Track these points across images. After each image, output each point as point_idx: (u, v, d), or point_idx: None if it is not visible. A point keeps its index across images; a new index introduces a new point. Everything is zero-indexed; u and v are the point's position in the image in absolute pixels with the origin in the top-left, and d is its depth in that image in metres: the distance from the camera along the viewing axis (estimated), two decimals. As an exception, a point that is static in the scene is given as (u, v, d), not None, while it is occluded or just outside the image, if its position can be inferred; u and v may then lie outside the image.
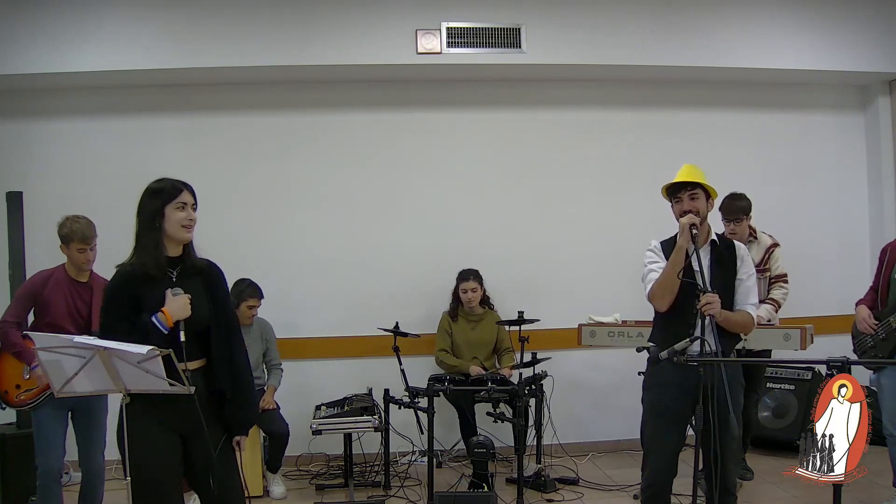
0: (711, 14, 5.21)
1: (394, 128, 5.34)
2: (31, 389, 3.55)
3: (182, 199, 2.58)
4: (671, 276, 2.99)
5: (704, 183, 3.07)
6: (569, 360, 5.16)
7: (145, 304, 2.51)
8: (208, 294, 2.64)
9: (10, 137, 5.06)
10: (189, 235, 2.61)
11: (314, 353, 5.18)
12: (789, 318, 4.89)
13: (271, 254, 5.16)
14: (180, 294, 2.53)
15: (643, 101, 5.52)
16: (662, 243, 3.20)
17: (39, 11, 4.71)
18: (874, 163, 5.71)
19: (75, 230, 3.52)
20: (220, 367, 2.60)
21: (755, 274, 3.19)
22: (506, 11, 5.04)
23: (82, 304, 3.59)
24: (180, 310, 2.50)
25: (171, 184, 2.60)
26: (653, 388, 3.15)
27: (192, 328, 2.55)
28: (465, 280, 5.00)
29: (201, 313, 2.59)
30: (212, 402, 2.59)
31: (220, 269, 2.75)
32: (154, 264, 2.53)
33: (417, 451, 5.00)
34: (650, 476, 3.13)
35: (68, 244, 3.55)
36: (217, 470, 2.55)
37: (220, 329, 2.64)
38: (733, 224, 4.49)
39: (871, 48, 5.36)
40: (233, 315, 2.77)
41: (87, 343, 2.38)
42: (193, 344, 2.56)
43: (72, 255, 3.56)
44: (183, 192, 2.60)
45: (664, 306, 3.05)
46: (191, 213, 2.60)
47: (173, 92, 5.14)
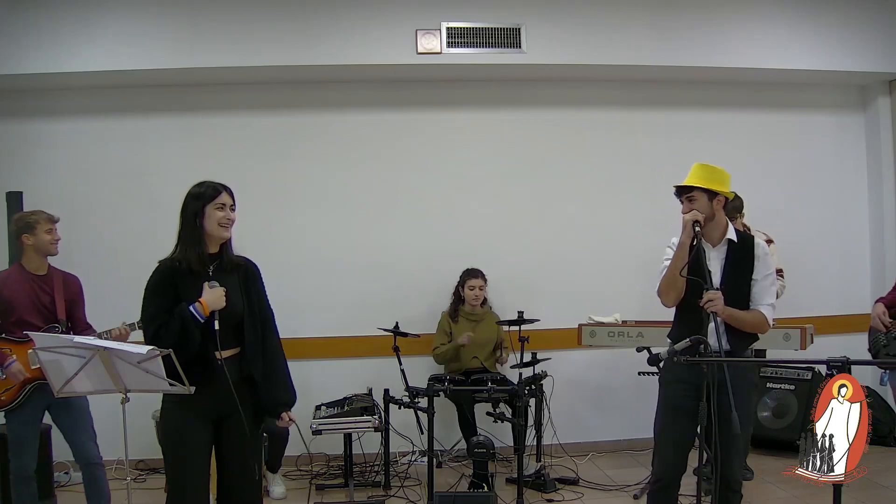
0: (711, 14, 5.20)
1: (394, 128, 5.34)
2: (9, 389, 3.52)
3: (221, 200, 2.78)
4: (674, 273, 3.01)
5: (702, 185, 3.05)
6: (569, 360, 5.16)
7: (184, 295, 2.69)
8: (244, 289, 2.83)
9: (10, 137, 5.05)
10: (227, 233, 2.80)
11: (314, 353, 5.18)
12: (789, 318, 4.89)
13: (271, 253, 5.12)
14: (216, 287, 2.71)
15: (643, 101, 5.52)
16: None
17: (39, 11, 4.71)
18: (874, 163, 5.71)
19: (37, 214, 3.62)
20: (253, 354, 2.78)
21: (774, 274, 3.15)
22: (506, 11, 5.04)
23: (45, 296, 3.60)
24: (216, 301, 2.68)
25: (212, 186, 2.81)
26: (666, 383, 3.16)
27: (227, 319, 2.73)
28: (473, 277, 5.00)
29: (236, 305, 2.77)
30: (244, 387, 2.76)
31: (256, 266, 2.95)
32: (196, 259, 2.73)
33: (417, 451, 5.00)
34: (658, 468, 3.16)
35: (33, 230, 3.58)
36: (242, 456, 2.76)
37: (254, 319, 2.82)
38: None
39: (871, 48, 5.36)
40: (268, 309, 2.94)
41: (87, 343, 2.38)
42: (228, 334, 2.74)
43: (40, 240, 3.59)
44: (222, 193, 2.80)
45: (670, 302, 3.09)
46: (229, 213, 2.79)
47: (173, 92, 5.14)
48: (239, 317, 2.78)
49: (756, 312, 3.05)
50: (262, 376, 2.80)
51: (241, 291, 2.83)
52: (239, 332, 2.79)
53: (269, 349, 2.86)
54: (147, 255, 2.89)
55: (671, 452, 3.10)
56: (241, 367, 2.78)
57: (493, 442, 4.25)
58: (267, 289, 4.65)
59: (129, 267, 3.87)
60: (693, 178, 3.09)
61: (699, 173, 3.09)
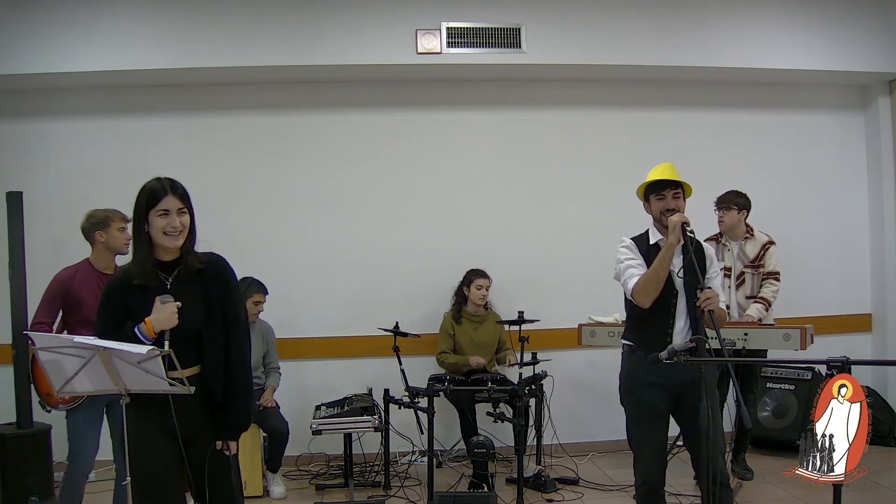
0: (711, 14, 5.20)
1: (394, 128, 5.34)
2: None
3: (163, 206, 2.44)
4: (659, 274, 2.99)
5: (685, 182, 3.11)
6: (569, 360, 5.16)
7: (134, 311, 2.46)
8: (204, 297, 2.54)
9: (10, 137, 5.06)
10: (174, 243, 2.47)
11: (314, 353, 5.18)
12: (789, 318, 4.90)
13: (271, 253, 5.15)
14: (169, 302, 2.43)
15: (643, 101, 5.52)
16: (633, 239, 3.22)
17: (39, 11, 4.71)
18: (874, 163, 5.71)
19: (112, 211, 3.57)
20: (214, 374, 2.53)
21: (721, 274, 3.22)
22: (506, 11, 5.04)
23: None
24: (164, 320, 2.41)
25: (153, 189, 2.46)
26: (633, 389, 3.18)
27: (183, 336, 2.47)
28: (480, 277, 4.99)
29: (192, 321, 2.49)
30: (208, 407, 2.53)
31: (224, 264, 2.62)
32: (139, 273, 2.47)
33: (417, 451, 5.00)
34: (642, 474, 3.16)
35: (107, 228, 3.56)
36: (212, 474, 2.53)
37: (215, 332, 2.53)
38: (722, 211, 4.65)
39: (871, 48, 5.35)
40: (234, 314, 2.60)
41: (87, 343, 2.37)
42: (189, 350, 2.49)
43: (113, 238, 3.57)
44: (165, 198, 2.44)
45: (648, 303, 3.06)
46: (174, 220, 2.45)
47: (173, 92, 5.14)
48: (195, 332, 2.50)
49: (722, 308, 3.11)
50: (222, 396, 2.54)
51: (202, 302, 2.52)
52: (200, 347, 2.52)
53: (231, 369, 2.55)
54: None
55: (651, 456, 3.12)
56: (204, 385, 2.52)
57: (493, 442, 4.25)
58: (267, 289, 4.69)
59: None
60: (677, 174, 3.11)
61: (676, 172, 3.12)
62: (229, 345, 2.56)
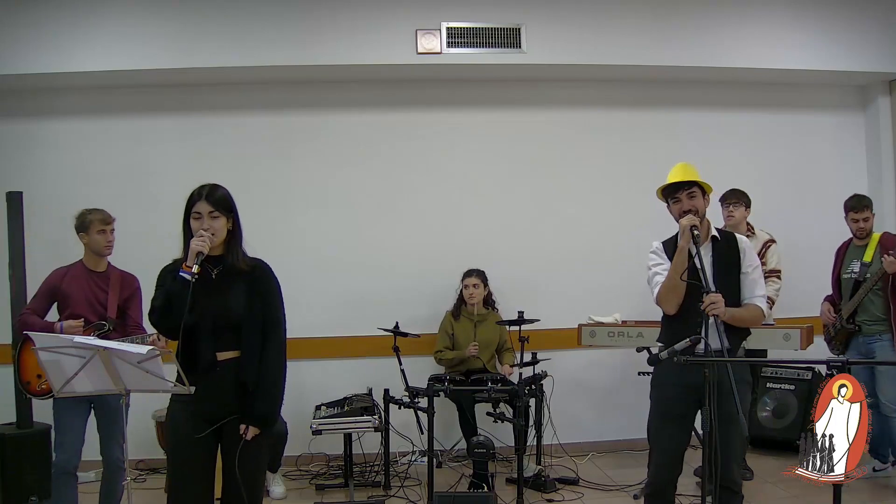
0: (711, 14, 5.20)
1: (394, 128, 5.33)
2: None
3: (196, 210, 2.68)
4: (676, 279, 2.99)
5: (701, 180, 3.08)
6: (569, 360, 5.16)
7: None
8: (248, 294, 2.73)
9: (10, 137, 5.05)
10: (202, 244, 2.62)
11: (314, 353, 5.18)
12: (789, 318, 4.89)
13: (271, 254, 5.04)
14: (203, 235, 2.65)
15: (643, 101, 5.52)
16: (664, 244, 3.20)
17: (39, 11, 4.71)
18: (874, 163, 5.71)
19: (94, 213, 3.67)
20: (248, 361, 2.70)
21: (759, 265, 3.16)
22: (506, 11, 5.04)
23: (101, 293, 3.67)
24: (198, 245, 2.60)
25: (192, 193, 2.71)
26: (658, 386, 3.16)
27: (226, 322, 2.67)
28: (469, 276, 5.01)
29: (236, 306, 2.69)
30: (241, 393, 2.69)
31: (269, 270, 2.87)
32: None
33: (417, 451, 5.00)
34: (653, 474, 3.15)
35: (88, 229, 3.65)
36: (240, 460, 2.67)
37: (254, 325, 2.72)
38: (732, 207, 4.63)
39: (871, 48, 5.35)
40: (274, 315, 2.81)
41: (87, 343, 2.38)
42: (230, 336, 2.68)
43: (93, 239, 3.66)
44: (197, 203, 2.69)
45: (673, 309, 3.05)
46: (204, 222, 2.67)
47: (173, 92, 5.14)
48: (237, 319, 2.70)
49: (752, 307, 3.06)
50: (253, 384, 2.71)
51: (246, 295, 2.73)
52: (238, 335, 2.72)
53: (265, 359, 2.74)
54: (147, 254, 2.89)
55: (665, 457, 3.10)
56: (239, 371, 2.71)
57: (493, 442, 4.24)
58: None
59: (128, 266, 3.86)
60: (690, 174, 3.09)
61: (691, 171, 3.10)
62: (267, 339, 2.75)
